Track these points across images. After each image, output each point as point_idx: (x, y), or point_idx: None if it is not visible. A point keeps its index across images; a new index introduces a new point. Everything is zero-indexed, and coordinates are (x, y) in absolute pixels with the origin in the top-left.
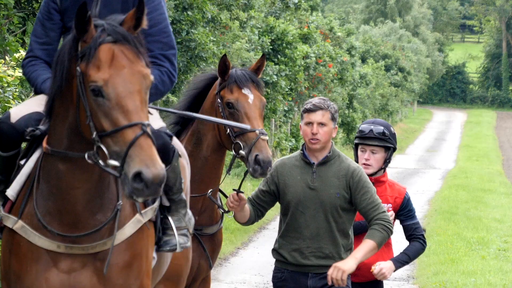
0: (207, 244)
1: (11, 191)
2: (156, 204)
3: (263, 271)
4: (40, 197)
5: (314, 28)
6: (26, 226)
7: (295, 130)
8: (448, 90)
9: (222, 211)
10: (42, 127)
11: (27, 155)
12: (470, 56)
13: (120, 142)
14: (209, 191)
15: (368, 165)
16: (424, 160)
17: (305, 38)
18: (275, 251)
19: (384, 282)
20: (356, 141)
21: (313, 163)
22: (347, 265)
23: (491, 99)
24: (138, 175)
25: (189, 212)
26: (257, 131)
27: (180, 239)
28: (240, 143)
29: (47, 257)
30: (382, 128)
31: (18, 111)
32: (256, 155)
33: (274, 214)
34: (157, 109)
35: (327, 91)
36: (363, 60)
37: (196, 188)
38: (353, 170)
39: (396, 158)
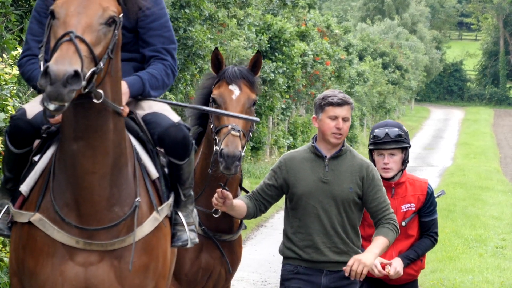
0: (231, 252)
1: (25, 187)
2: (171, 199)
3: (260, 269)
4: (57, 188)
5: (311, 25)
6: (44, 219)
7: (292, 128)
8: (445, 87)
9: (213, 214)
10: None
11: (41, 151)
12: (467, 53)
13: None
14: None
15: (388, 168)
16: (422, 158)
17: (303, 36)
18: (286, 249)
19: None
20: (371, 147)
21: (325, 156)
22: (369, 260)
23: (488, 97)
24: (46, 70)
25: (195, 209)
26: (229, 126)
27: (190, 235)
28: (217, 139)
29: (63, 251)
30: (397, 129)
31: (32, 108)
32: (222, 149)
33: (272, 211)
34: (160, 101)
35: (324, 88)
36: (361, 57)
37: (212, 194)
38: (367, 166)
39: None
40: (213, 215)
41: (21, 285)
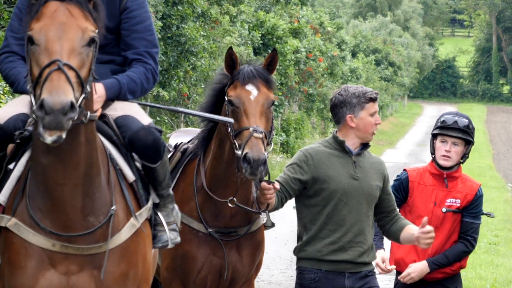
0: (246, 246)
1: (2, 197)
2: (150, 203)
3: None
4: (31, 194)
5: (304, 22)
6: (20, 223)
7: (285, 125)
8: (438, 84)
9: (256, 212)
10: (30, 128)
11: (15, 158)
12: (460, 50)
13: (40, 84)
14: (229, 198)
15: (448, 157)
16: (415, 155)
17: (296, 33)
18: (309, 247)
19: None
20: (436, 131)
21: (353, 153)
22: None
23: (481, 93)
24: (41, 103)
25: (176, 206)
26: (251, 129)
27: (171, 235)
28: (237, 143)
29: (42, 255)
30: (467, 121)
31: (5, 112)
32: (246, 154)
33: None
34: (144, 104)
35: (317, 85)
36: (354, 54)
37: (222, 193)
38: (384, 163)
39: (386, 152)
40: (261, 215)
41: None
